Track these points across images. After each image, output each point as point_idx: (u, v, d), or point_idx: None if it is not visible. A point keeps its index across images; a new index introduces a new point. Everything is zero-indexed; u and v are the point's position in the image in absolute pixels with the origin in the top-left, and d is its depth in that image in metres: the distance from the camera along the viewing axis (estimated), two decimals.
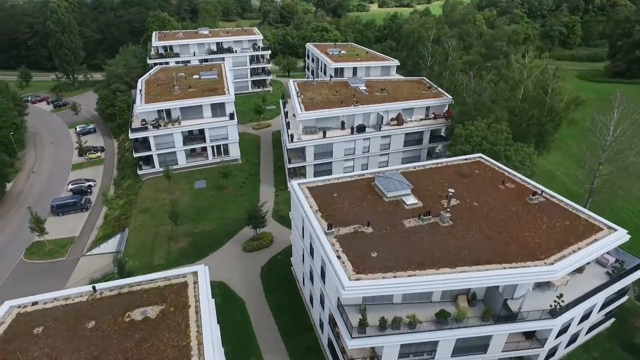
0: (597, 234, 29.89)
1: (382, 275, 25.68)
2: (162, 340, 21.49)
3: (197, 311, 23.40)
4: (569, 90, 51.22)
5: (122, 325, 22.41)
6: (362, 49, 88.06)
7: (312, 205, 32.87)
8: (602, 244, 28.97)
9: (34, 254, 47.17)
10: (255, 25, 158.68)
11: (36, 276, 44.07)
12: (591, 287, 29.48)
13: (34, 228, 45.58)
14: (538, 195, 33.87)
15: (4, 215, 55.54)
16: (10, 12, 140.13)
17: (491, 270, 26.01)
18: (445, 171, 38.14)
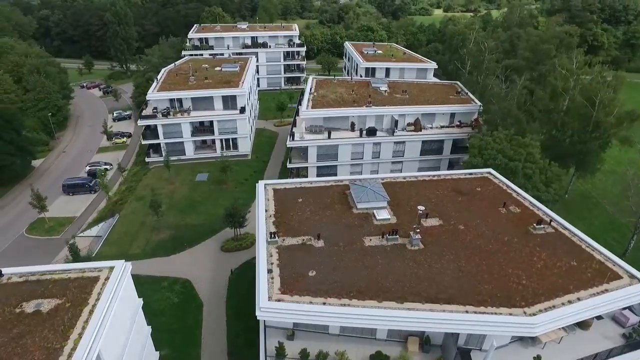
0: (612, 282, 23.15)
1: (310, 300, 21.57)
2: (37, 339, 19.32)
3: (91, 311, 21.00)
4: (621, 103, 42.45)
5: (8, 317, 20.60)
6: (401, 49, 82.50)
7: (268, 209, 29.43)
8: (615, 297, 22.31)
9: (34, 229, 48.59)
10: (312, 25, 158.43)
11: (28, 251, 45.12)
12: (594, 351, 22.82)
13: (34, 204, 46.81)
14: (545, 225, 27.49)
15: (24, 190, 58.35)
16: (87, 6, 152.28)
17: (448, 313, 20.79)
18: (441, 185, 32.67)
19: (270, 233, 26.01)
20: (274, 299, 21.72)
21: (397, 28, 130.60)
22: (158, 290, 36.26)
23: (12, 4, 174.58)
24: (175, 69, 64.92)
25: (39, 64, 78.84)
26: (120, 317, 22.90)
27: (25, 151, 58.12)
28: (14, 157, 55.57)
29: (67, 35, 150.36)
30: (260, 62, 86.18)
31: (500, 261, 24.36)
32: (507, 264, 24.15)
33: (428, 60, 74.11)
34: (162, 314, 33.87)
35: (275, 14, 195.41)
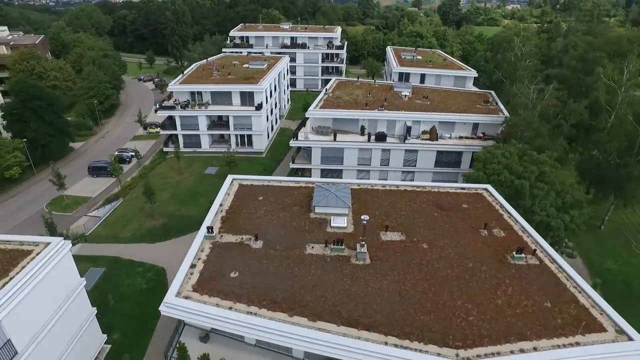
0: (590, 335, 18.54)
1: (218, 302, 19.73)
2: None
3: (6, 282, 20.96)
4: None
5: None
6: (443, 56, 77.55)
7: (224, 203, 28.07)
8: (588, 353, 17.75)
9: (53, 205, 51.76)
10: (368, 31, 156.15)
11: (41, 224, 48.03)
12: None
13: (54, 182, 49.88)
14: (528, 255, 23.07)
15: (61, 167, 62.70)
16: (158, 6, 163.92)
17: (359, 341, 17.80)
18: (421, 198, 29.09)
19: (207, 228, 24.61)
20: (182, 295, 20.23)
21: (453, 37, 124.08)
22: (132, 274, 36.47)
23: (98, 5, 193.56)
24: (205, 64, 66.50)
25: (95, 56, 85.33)
26: (45, 294, 22.77)
27: (64, 133, 62.52)
28: (52, 138, 60.03)
29: (139, 32, 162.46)
30: (297, 62, 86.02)
31: (453, 290, 20.66)
32: (460, 294, 20.41)
33: (468, 68, 68.75)
34: (128, 298, 33.91)
35: (336, 19, 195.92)
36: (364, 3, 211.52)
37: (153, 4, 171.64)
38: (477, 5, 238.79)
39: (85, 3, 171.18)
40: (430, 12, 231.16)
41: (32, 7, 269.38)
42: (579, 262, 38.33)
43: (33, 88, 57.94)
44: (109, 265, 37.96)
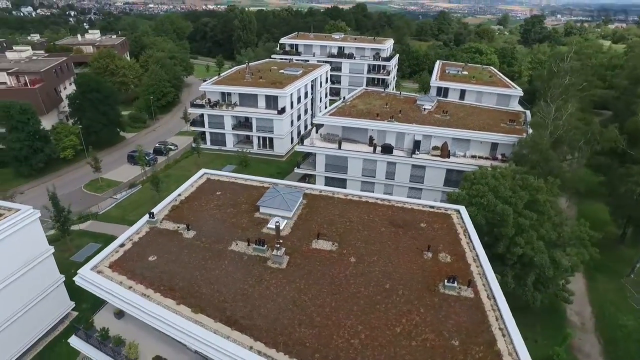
0: None
1: (121, 281, 20.43)
2: None
3: None
4: None
5: None
6: (493, 73, 72.48)
7: (182, 193, 29.10)
8: None
9: (89, 186, 57.63)
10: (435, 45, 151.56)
11: (76, 201, 53.50)
12: None
13: (91, 165, 55.61)
14: (462, 286, 20.55)
15: (109, 153, 69.91)
16: (235, 14, 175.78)
17: (225, 341, 17.19)
18: (377, 211, 27.29)
19: (149, 213, 25.65)
20: (96, 269, 21.28)
21: (524, 55, 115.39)
22: None
23: (184, 14, 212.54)
24: (244, 68, 69.63)
25: (160, 57, 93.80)
26: (3, 253, 25.39)
27: (114, 123, 69.48)
28: (104, 126, 67.01)
29: (217, 38, 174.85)
30: (343, 72, 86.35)
31: (353, 309, 19.05)
32: (360, 314, 18.76)
33: (514, 86, 63.42)
34: None
35: (408, 33, 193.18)
36: (440, 19, 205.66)
37: (233, 12, 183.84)
38: (572, 24, 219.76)
39: (180, 12, 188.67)
40: (515, 30, 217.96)
41: (146, 16, 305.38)
42: (587, 310, 33.08)
43: (93, 81, 65.22)
44: (106, 242, 41.13)
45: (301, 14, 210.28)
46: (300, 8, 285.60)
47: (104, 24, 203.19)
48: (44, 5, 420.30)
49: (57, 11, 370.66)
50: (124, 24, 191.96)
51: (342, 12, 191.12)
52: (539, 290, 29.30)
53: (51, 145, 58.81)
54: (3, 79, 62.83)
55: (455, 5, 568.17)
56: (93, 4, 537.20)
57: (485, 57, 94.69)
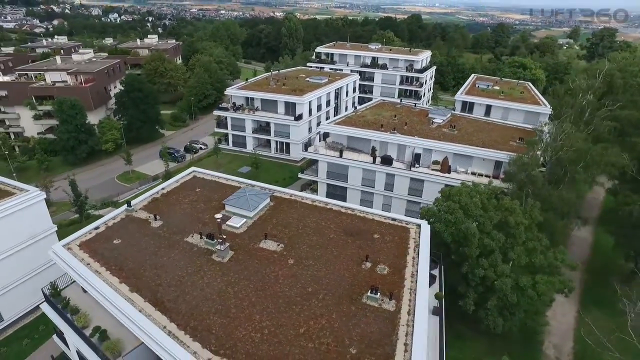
0: None
1: (82, 259, 23.21)
2: None
3: None
4: None
5: None
6: (530, 89, 69.18)
7: (165, 188, 31.84)
8: None
9: (121, 177, 63.49)
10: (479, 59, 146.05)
11: (108, 189, 59.44)
12: None
13: (124, 158, 61.31)
14: (384, 297, 20.87)
15: (146, 148, 76.21)
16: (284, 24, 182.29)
17: (143, 317, 19.08)
18: (337, 219, 27.97)
19: (127, 202, 28.52)
20: (67, 246, 24.32)
21: (579, 71, 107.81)
22: None
23: (244, 20, 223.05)
24: (273, 75, 72.71)
25: (206, 61, 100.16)
26: (10, 226, 29.59)
27: (153, 121, 75.67)
28: (143, 124, 73.35)
29: (270, 44, 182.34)
30: (375, 82, 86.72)
31: (269, 305, 20.14)
32: (273, 311, 19.79)
33: (545, 103, 60.19)
34: None
35: (463, 46, 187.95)
36: (498, 31, 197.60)
37: (288, 20, 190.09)
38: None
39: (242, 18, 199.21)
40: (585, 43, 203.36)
41: (215, 22, 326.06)
42: (568, 345, 31.06)
43: (136, 82, 71.80)
44: None
45: (357, 23, 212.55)
46: (357, 17, 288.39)
47: (170, 30, 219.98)
48: (128, 12, 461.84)
49: (137, 17, 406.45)
50: (190, 29, 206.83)
51: (396, 22, 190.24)
52: (504, 316, 28.21)
53: (94, 138, 65.61)
54: (64, 78, 71.20)
55: (528, 17, 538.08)
56: (171, 11, 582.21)
57: (529, 72, 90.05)
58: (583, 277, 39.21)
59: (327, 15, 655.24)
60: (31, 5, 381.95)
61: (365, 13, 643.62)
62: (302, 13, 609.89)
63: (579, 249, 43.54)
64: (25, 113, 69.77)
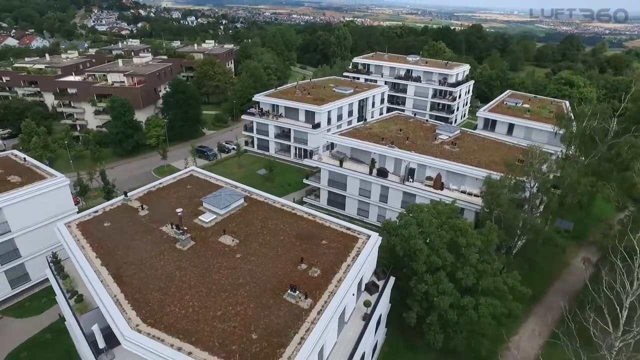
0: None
1: (76, 235, 28.35)
2: None
3: (16, 188, 34.97)
4: None
5: None
6: (564, 109, 66.21)
7: (162, 182, 36.68)
8: None
9: (157, 170, 70.71)
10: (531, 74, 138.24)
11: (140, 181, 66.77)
12: None
13: (160, 153, 68.55)
14: (301, 294, 23.40)
15: (186, 145, 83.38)
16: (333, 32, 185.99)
17: (103, 288, 23.37)
18: (297, 223, 30.78)
19: (124, 192, 33.62)
20: (68, 225, 29.68)
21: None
22: None
23: (305, 26, 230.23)
24: (300, 84, 76.55)
25: (252, 66, 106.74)
26: (39, 206, 36.09)
27: (193, 120, 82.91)
28: (184, 122, 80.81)
29: (325, 51, 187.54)
30: (408, 94, 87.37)
31: (202, 290, 23.52)
32: (204, 295, 23.15)
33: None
34: None
35: (524, 59, 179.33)
36: (566, 43, 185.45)
37: (348, 27, 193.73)
38: None
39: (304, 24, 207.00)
40: None
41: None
42: None
43: (181, 84, 79.46)
44: None
45: (415, 31, 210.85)
46: (429, 24, 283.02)
47: (234, 34, 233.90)
48: (205, 15, 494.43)
49: (212, 20, 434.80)
50: (255, 33, 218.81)
51: (454, 32, 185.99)
52: (446, 333, 29.13)
53: (140, 134, 73.88)
54: (122, 79, 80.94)
55: (621, 26, 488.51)
56: (246, 14, 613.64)
57: (576, 89, 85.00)
58: (567, 306, 38.03)
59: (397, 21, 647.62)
60: (123, 10, 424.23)
61: (437, 20, 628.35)
62: (372, 19, 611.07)
63: (575, 279, 41.98)
64: (88, 108, 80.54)
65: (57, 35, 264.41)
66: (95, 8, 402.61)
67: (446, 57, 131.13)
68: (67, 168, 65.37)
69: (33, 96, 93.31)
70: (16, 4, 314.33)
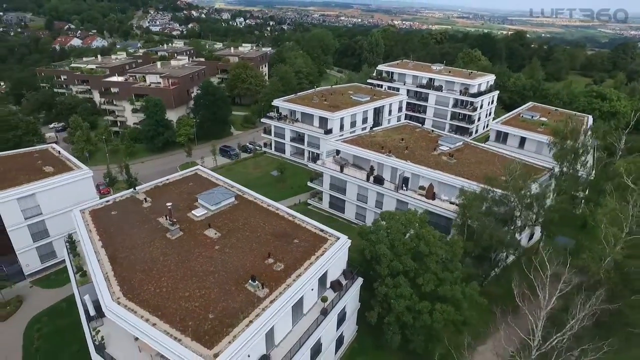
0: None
1: (86, 220, 33.25)
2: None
3: (48, 177, 40.89)
4: None
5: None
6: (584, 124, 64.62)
7: (169, 178, 41.20)
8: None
9: (182, 166, 76.11)
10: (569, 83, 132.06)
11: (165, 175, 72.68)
12: None
13: (186, 151, 74.31)
14: (259, 283, 26.50)
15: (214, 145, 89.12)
16: (386, 35, 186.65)
17: (97, 264, 27.79)
18: (275, 222, 33.95)
19: (133, 186, 38.40)
20: (82, 211, 34.72)
21: None
22: None
23: (346, 30, 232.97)
24: (317, 90, 79.60)
25: (283, 70, 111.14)
26: (65, 193, 41.81)
27: (221, 121, 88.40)
28: (212, 123, 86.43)
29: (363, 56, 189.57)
30: (429, 103, 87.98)
31: (178, 274, 27.23)
32: (175, 278, 26.86)
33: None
34: None
35: (567, 67, 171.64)
36: (619, 51, 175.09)
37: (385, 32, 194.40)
38: None
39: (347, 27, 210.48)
40: None
41: (331, 27, 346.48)
42: None
43: (210, 87, 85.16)
44: None
45: (455, 38, 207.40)
46: (480, 28, 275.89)
47: (275, 36, 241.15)
48: (253, 17, 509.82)
49: (260, 21, 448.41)
50: (297, 36, 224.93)
51: (495, 40, 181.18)
52: (404, 334, 31.12)
53: (170, 132, 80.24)
54: (158, 80, 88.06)
55: None
56: (295, 15, 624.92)
57: (607, 103, 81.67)
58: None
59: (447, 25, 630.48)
60: (177, 11, 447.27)
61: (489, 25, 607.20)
62: (421, 22, 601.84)
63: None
64: (127, 107, 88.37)
65: (115, 36, 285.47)
66: (152, 9, 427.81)
67: (480, 66, 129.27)
68: (104, 160, 72.71)
69: (84, 94, 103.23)
70: (84, 7, 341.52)
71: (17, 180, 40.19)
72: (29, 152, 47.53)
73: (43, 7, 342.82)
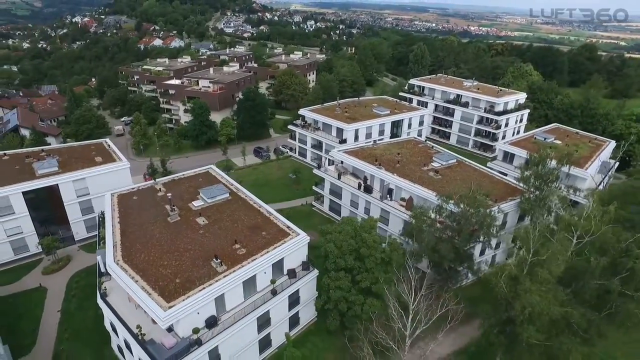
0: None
1: (112, 202, 43.27)
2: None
3: (87, 168, 52.30)
4: None
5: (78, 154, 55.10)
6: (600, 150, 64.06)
7: (185, 174, 50.41)
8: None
9: (218, 163, 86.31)
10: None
11: None
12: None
13: (222, 150, 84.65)
14: (217, 260, 33.96)
15: (252, 145, 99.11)
16: (434, 45, 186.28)
17: (110, 232, 37.23)
18: (254, 216, 41.23)
19: (153, 178, 48.01)
20: (111, 195, 44.87)
21: None
22: None
23: (404, 38, 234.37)
24: (341, 102, 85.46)
25: (325, 79, 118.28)
26: (107, 180, 52.75)
27: (259, 124, 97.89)
28: (251, 125, 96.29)
29: (408, 67, 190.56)
30: (455, 118, 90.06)
31: (170, 248, 35.76)
32: (165, 251, 35.36)
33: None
34: None
35: (638, 84, 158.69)
36: None
37: (435, 41, 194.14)
38: None
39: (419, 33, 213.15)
40: None
41: (401, 33, 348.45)
42: None
43: (252, 93, 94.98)
44: None
45: (518, 50, 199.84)
46: (565, 35, 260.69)
47: (334, 43, 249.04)
48: (324, 20, 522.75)
49: (330, 25, 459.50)
50: (361, 41, 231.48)
51: (556, 52, 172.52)
52: (343, 322, 36.90)
53: (213, 131, 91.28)
54: (208, 85, 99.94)
55: None
56: (368, 18, 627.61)
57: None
58: None
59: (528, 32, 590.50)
60: (252, 13, 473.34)
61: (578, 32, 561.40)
62: (499, 29, 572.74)
63: None
64: (181, 107, 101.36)
65: (192, 37, 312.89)
66: (228, 11, 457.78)
67: (530, 81, 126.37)
68: (155, 153, 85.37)
69: (151, 92, 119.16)
70: (169, 10, 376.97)
71: (74, 166, 51.92)
72: (87, 145, 59.91)
73: (135, 10, 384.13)
